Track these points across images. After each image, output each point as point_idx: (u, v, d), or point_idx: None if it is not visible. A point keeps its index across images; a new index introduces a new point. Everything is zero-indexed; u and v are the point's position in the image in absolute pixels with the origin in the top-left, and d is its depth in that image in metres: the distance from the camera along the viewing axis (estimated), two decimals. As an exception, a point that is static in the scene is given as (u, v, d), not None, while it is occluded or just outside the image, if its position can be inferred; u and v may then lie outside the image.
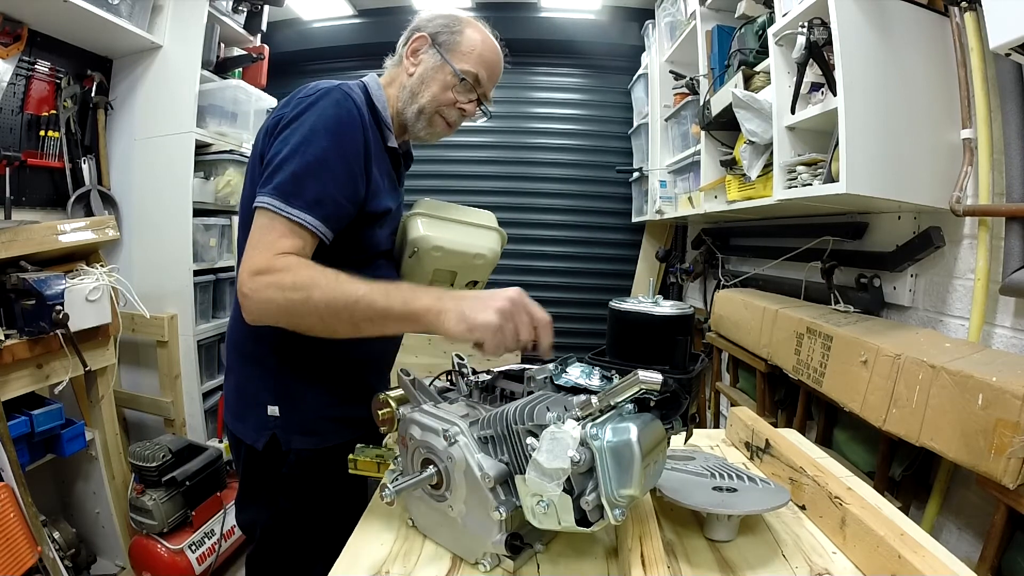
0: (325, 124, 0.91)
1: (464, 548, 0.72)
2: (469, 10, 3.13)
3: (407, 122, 1.08)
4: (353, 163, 0.93)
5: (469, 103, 1.09)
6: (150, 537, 1.96)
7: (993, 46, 0.95)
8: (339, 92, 0.94)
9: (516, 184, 3.26)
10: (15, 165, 2.06)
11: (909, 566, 0.61)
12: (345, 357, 1.04)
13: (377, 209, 1.00)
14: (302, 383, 1.04)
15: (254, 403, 1.04)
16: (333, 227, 0.91)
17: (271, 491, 1.05)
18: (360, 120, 0.95)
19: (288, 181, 0.87)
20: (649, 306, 0.85)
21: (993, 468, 0.90)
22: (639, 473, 0.59)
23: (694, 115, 2.19)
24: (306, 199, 0.87)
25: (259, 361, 1.04)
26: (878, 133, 1.24)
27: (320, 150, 0.89)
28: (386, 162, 1.05)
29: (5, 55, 1.99)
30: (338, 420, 1.06)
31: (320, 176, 0.89)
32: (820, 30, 1.24)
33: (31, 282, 1.66)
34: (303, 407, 1.04)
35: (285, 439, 1.02)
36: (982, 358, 1.04)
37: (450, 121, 1.09)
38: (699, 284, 2.81)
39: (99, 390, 2.03)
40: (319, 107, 0.92)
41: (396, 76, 1.09)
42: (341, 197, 0.92)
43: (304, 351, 1.00)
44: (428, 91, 1.05)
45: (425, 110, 1.05)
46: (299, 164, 0.88)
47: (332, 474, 1.04)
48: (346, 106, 0.94)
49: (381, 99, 1.05)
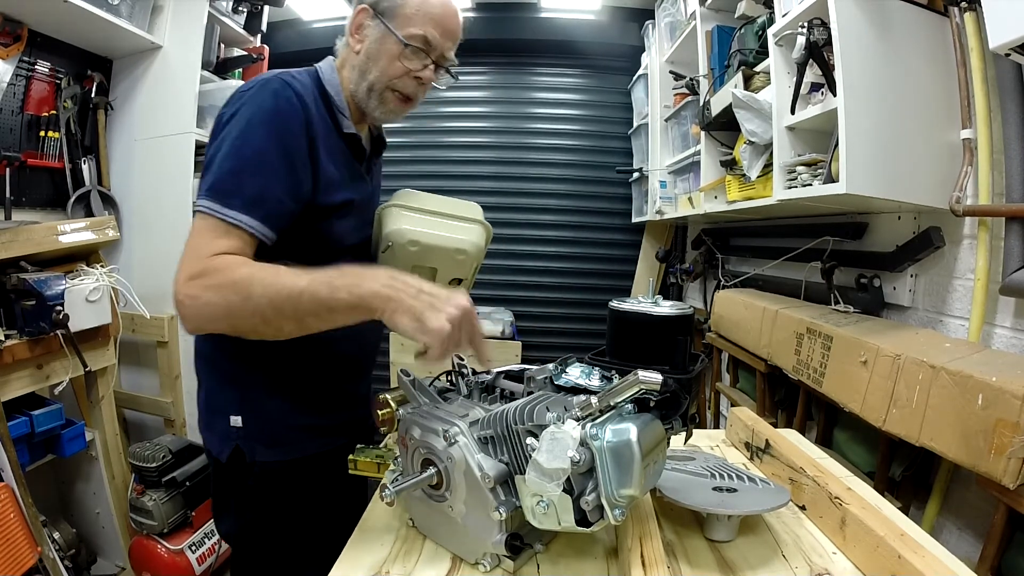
0: (262, 117, 0.86)
1: (464, 548, 0.72)
2: (469, 10, 3.13)
3: (361, 103, 1.00)
4: (295, 156, 0.87)
5: (425, 69, 0.98)
6: (150, 537, 1.96)
7: (993, 46, 0.95)
8: (277, 82, 0.89)
9: (516, 184, 3.26)
10: (15, 165, 2.06)
11: (909, 566, 0.61)
12: (312, 362, 1.00)
13: (331, 202, 0.94)
14: (265, 391, 0.99)
15: (219, 414, 1.00)
16: (274, 226, 0.86)
17: (238, 503, 1.02)
18: (302, 109, 0.89)
19: (224, 180, 0.83)
20: (649, 306, 0.85)
21: (993, 468, 0.89)
22: (639, 473, 0.59)
23: (694, 115, 2.19)
24: (243, 198, 0.82)
25: (222, 370, 1.01)
26: (878, 133, 1.24)
27: (257, 145, 0.85)
28: (343, 151, 0.99)
29: (5, 55, 1.99)
30: (307, 430, 1.02)
31: (258, 173, 0.84)
32: (820, 30, 1.24)
33: (31, 282, 1.66)
34: (266, 417, 0.99)
35: (249, 450, 0.98)
36: (982, 358, 1.04)
37: (407, 94, 1.00)
38: (699, 284, 2.81)
39: (99, 390, 2.03)
40: (256, 100, 0.87)
41: (346, 57, 1.02)
42: (282, 194, 0.86)
43: (266, 357, 0.95)
44: (376, 66, 0.97)
45: (375, 87, 0.97)
46: (235, 162, 0.84)
47: (301, 488, 1.01)
48: (284, 95, 0.88)
49: (334, 84, 0.99)
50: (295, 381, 1.00)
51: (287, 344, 0.82)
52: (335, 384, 1.06)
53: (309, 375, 1.01)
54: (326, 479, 1.03)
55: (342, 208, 0.96)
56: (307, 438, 1.02)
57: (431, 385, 0.85)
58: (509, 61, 3.29)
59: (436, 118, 3.31)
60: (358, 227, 1.02)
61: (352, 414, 1.11)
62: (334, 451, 1.03)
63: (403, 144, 3.30)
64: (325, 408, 1.05)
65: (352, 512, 0.88)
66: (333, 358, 1.04)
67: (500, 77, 3.32)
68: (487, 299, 3.23)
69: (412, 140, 3.31)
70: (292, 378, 1.00)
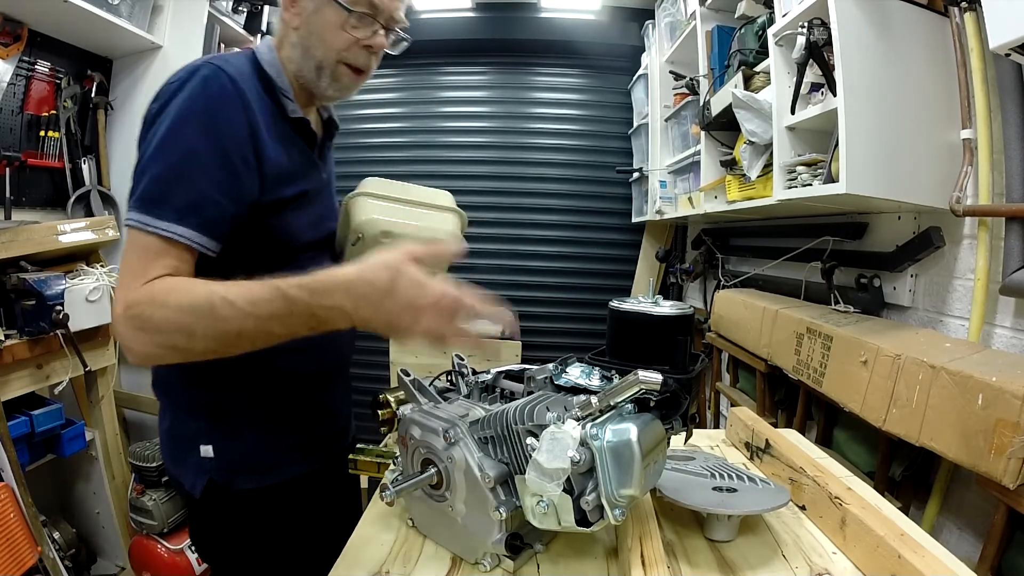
0: (192, 110, 0.76)
1: (464, 548, 0.72)
2: (469, 10, 3.13)
3: (309, 84, 0.90)
4: (232, 151, 0.77)
5: (375, 36, 0.88)
6: (150, 537, 1.96)
7: (993, 46, 0.95)
8: (207, 68, 0.79)
9: (516, 184, 3.26)
10: (15, 165, 2.06)
11: (909, 566, 0.61)
12: (284, 378, 0.92)
13: (283, 196, 0.85)
14: (237, 415, 0.90)
15: (187, 444, 0.91)
16: (215, 234, 0.77)
17: (217, 535, 0.95)
18: (238, 95, 0.79)
19: (152, 188, 0.74)
20: (649, 306, 0.85)
21: (993, 468, 0.89)
22: (639, 473, 0.59)
23: (694, 115, 2.19)
24: (174, 207, 0.73)
25: (184, 398, 0.92)
26: (878, 133, 1.24)
27: (187, 144, 0.75)
28: (292, 137, 0.90)
29: (5, 55, 1.99)
30: (287, 450, 0.95)
31: (190, 175, 0.75)
32: (820, 30, 1.24)
33: (31, 282, 1.66)
34: (241, 443, 0.91)
35: (224, 481, 0.90)
36: (982, 358, 1.04)
37: (359, 66, 0.90)
38: (699, 284, 2.81)
39: (99, 390, 2.04)
40: (185, 91, 0.77)
41: (284, 34, 0.90)
42: (221, 196, 0.76)
43: (233, 377, 0.87)
44: (320, 40, 0.86)
45: (324, 65, 0.88)
46: (164, 165, 0.74)
47: (284, 513, 0.94)
48: (217, 83, 0.78)
49: (274, 65, 0.88)
50: (268, 400, 0.92)
51: (255, 361, 0.74)
52: (312, 398, 0.98)
53: (283, 391, 0.93)
54: (310, 501, 0.98)
55: (296, 201, 0.87)
56: (289, 459, 0.95)
57: (431, 385, 0.85)
58: (509, 61, 3.29)
59: (436, 118, 3.31)
60: (315, 221, 0.93)
61: (332, 427, 1.06)
62: (317, 471, 0.99)
63: (403, 144, 3.30)
64: (304, 425, 0.97)
65: (341, 531, 0.82)
66: (307, 371, 0.95)
67: (500, 77, 3.32)
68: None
69: (412, 140, 3.31)
70: (265, 397, 0.91)
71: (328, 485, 1.05)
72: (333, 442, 1.06)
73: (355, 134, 3.32)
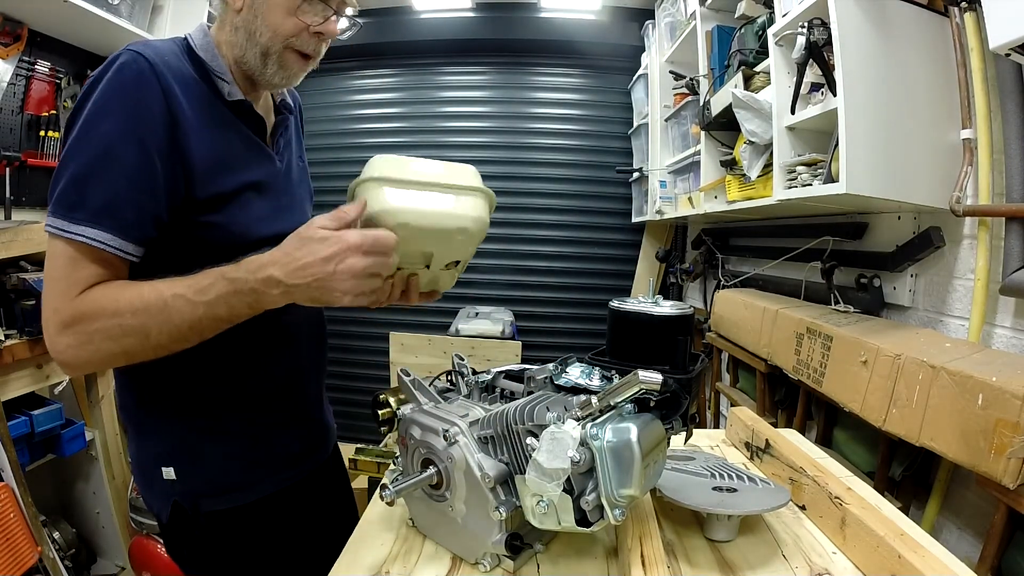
0: (106, 102, 0.70)
1: (464, 548, 0.72)
2: (469, 10, 3.13)
3: (253, 71, 0.83)
4: (151, 143, 0.71)
5: (326, 21, 0.82)
6: (150, 537, 1.96)
7: (993, 46, 0.95)
8: (125, 55, 0.72)
9: (516, 184, 3.26)
10: (15, 165, 2.06)
11: (909, 566, 0.61)
12: (249, 387, 0.86)
13: (224, 188, 0.79)
14: (200, 435, 0.84)
15: (150, 468, 0.85)
16: (136, 237, 0.72)
17: (191, 557, 0.90)
18: (156, 81, 0.72)
19: (68, 189, 0.68)
20: (649, 306, 0.85)
21: (993, 468, 0.90)
22: (639, 473, 0.59)
23: (694, 115, 2.19)
24: (89, 209, 0.68)
25: (146, 420, 0.86)
26: (878, 133, 1.24)
27: (102, 138, 0.69)
28: (233, 123, 0.83)
29: (5, 55, 1.99)
30: (253, 467, 0.88)
31: (104, 174, 0.69)
32: (820, 30, 1.24)
33: (31, 282, 1.66)
34: (204, 462, 0.84)
35: (189, 504, 0.84)
36: (982, 358, 1.04)
37: (307, 52, 0.83)
38: (699, 284, 2.81)
39: (99, 390, 2.04)
40: (101, 83, 0.71)
41: (224, 17, 0.84)
42: (139, 194, 0.71)
43: (192, 397, 0.83)
44: (266, 25, 0.79)
45: (271, 51, 0.81)
46: (77, 164, 0.69)
47: (260, 534, 0.88)
48: (132, 70, 0.71)
49: (208, 47, 0.82)
50: (229, 417, 0.85)
51: (211, 370, 0.73)
52: (278, 411, 0.91)
53: (249, 401, 0.87)
54: (289, 518, 0.93)
55: (240, 193, 0.81)
56: (257, 478, 0.89)
57: (431, 385, 0.85)
58: (509, 61, 3.29)
59: (436, 118, 3.32)
60: (268, 214, 0.85)
61: (305, 440, 0.98)
62: (296, 487, 0.93)
63: (403, 144, 3.30)
64: (270, 441, 0.90)
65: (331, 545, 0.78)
66: (275, 376, 0.88)
67: (500, 77, 3.32)
68: (487, 299, 3.23)
69: (412, 140, 3.31)
70: (231, 413, 0.85)
71: (309, 500, 0.98)
72: (309, 455, 0.99)
73: (355, 134, 3.33)
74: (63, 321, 0.68)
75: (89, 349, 0.68)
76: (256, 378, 0.86)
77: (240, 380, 0.82)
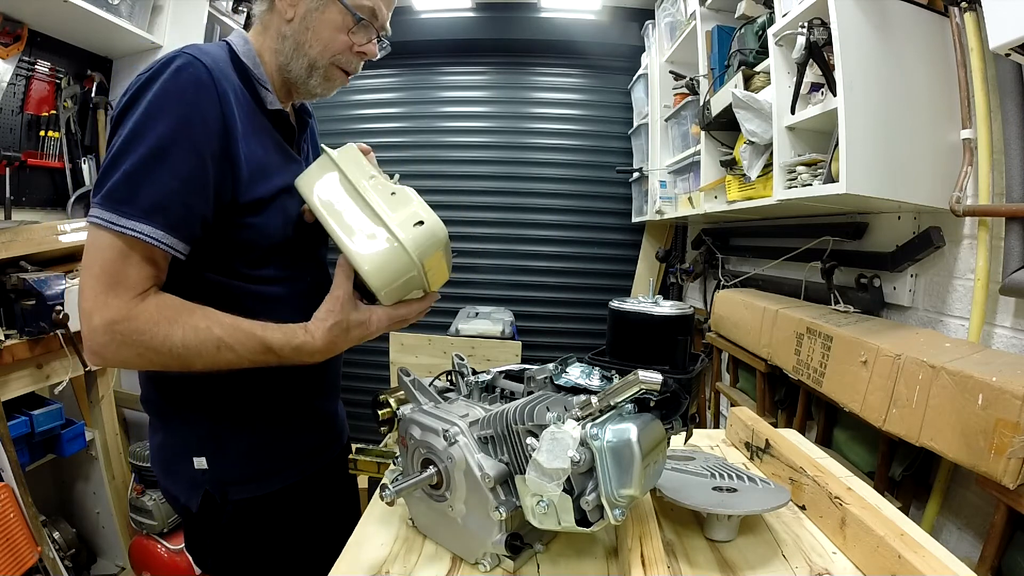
0: (164, 102, 0.71)
1: (464, 548, 0.72)
2: (469, 10, 3.13)
3: (296, 80, 0.87)
4: (205, 147, 0.73)
5: (369, 43, 0.88)
6: (150, 537, 1.96)
7: (993, 46, 0.95)
8: (183, 58, 0.74)
9: (516, 184, 3.26)
10: (15, 165, 2.06)
11: (909, 566, 0.61)
12: (276, 385, 0.90)
13: (263, 193, 0.81)
14: (230, 425, 0.89)
15: (179, 458, 0.89)
16: (185, 235, 0.74)
17: (215, 546, 0.94)
18: (214, 87, 0.75)
19: (119, 184, 0.70)
20: (649, 306, 0.85)
21: (993, 468, 0.90)
22: (639, 473, 0.59)
23: (694, 115, 2.19)
24: (142, 206, 0.70)
25: (177, 412, 0.89)
26: (878, 133, 1.24)
27: (157, 138, 0.70)
28: (270, 131, 0.87)
29: (5, 55, 1.99)
30: (281, 458, 0.94)
31: (158, 173, 0.71)
32: (820, 30, 1.24)
33: (31, 282, 1.66)
34: (236, 453, 0.89)
35: (219, 492, 0.88)
36: (982, 358, 1.04)
37: (349, 70, 0.90)
38: (699, 284, 2.81)
39: (99, 390, 2.04)
40: (157, 82, 0.72)
41: (270, 23, 0.87)
42: (190, 196, 0.73)
43: (224, 392, 0.87)
44: (317, 39, 0.84)
45: (318, 64, 0.86)
46: (132, 160, 0.70)
47: (282, 521, 0.94)
48: (191, 72, 0.73)
49: (251, 55, 0.85)
50: (260, 409, 0.90)
51: (245, 375, 0.78)
52: (303, 404, 0.97)
53: (276, 399, 0.92)
54: (307, 507, 0.98)
55: (276, 197, 0.84)
56: (283, 468, 0.94)
57: (431, 385, 0.85)
58: (509, 61, 3.29)
59: (436, 118, 3.32)
60: (290, 219, 0.89)
61: (325, 433, 1.05)
62: (313, 477, 0.98)
63: (403, 144, 3.30)
64: (296, 432, 0.96)
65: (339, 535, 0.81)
66: (297, 379, 0.92)
67: (500, 77, 3.32)
68: (487, 299, 3.23)
69: (412, 140, 3.31)
70: (256, 407, 0.90)
71: (324, 490, 1.04)
72: (327, 447, 1.05)
73: (355, 134, 3.32)
74: (113, 319, 0.70)
75: (130, 353, 0.72)
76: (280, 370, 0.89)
77: (265, 373, 0.85)
